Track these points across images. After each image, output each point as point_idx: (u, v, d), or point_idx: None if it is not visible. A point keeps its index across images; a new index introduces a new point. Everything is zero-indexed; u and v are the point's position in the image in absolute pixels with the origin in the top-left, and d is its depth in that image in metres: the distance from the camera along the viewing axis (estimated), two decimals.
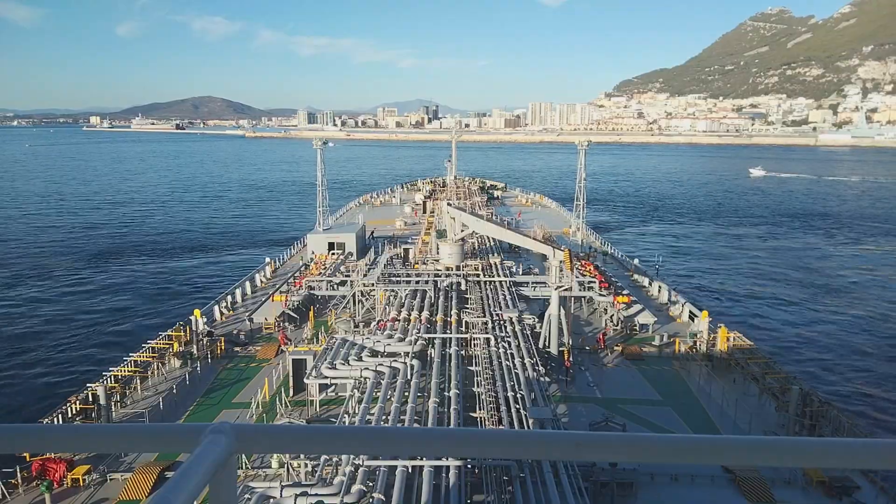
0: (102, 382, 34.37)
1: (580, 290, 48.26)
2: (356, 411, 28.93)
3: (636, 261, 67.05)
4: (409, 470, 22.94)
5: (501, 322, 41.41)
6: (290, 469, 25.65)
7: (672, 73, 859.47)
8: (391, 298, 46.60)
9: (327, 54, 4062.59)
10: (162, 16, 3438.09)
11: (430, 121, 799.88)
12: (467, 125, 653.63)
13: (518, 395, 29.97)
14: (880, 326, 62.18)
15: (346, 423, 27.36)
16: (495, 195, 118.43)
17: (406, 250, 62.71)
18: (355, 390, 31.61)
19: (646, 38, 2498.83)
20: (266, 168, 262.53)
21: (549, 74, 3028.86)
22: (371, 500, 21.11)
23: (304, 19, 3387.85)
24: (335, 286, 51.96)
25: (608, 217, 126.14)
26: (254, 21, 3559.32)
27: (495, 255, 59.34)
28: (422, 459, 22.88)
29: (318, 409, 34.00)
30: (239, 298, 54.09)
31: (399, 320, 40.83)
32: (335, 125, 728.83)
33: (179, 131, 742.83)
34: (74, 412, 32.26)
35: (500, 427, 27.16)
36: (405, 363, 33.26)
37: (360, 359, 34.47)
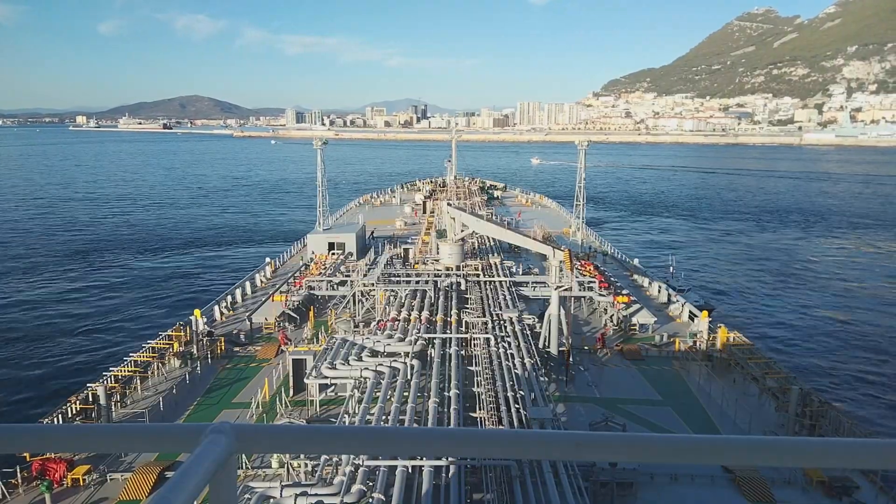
0: (102, 382, 34.38)
1: (580, 290, 48.27)
2: (356, 411, 28.92)
3: (636, 261, 67.07)
4: (409, 470, 22.93)
5: (501, 322, 41.39)
6: (290, 469, 25.66)
7: (659, 73, 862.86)
8: (391, 298, 46.58)
9: (314, 53, 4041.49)
10: (144, 14, 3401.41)
11: (418, 120, 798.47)
12: (456, 124, 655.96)
13: (518, 395, 29.96)
14: (880, 325, 62.17)
15: (346, 423, 27.36)
16: (495, 195, 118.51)
17: (406, 250, 62.69)
18: (355, 390, 31.60)
19: (633, 37, 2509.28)
20: (257, 167, 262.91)
21: (537, 74, 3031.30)
22: (371, 500, 21.10)
23: (289, 18, 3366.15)
24: (335, 286, 51.96)
25: (595, 214, 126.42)
26: (237, 19, 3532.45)
27: (495, 255, 59.33)
28: (422, 459, 22.87)
29: (318, 409, 34.00)
30: (239, 298, 54.10)
31: (399, 320, 40.81)
32: (324, 124, 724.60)
33: (167, 131, 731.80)
34: (74, 412, 32.26)
35: (500, 427, 27.15)
36: (405, 363, 33.25)
37: (360, 359, 34.46)
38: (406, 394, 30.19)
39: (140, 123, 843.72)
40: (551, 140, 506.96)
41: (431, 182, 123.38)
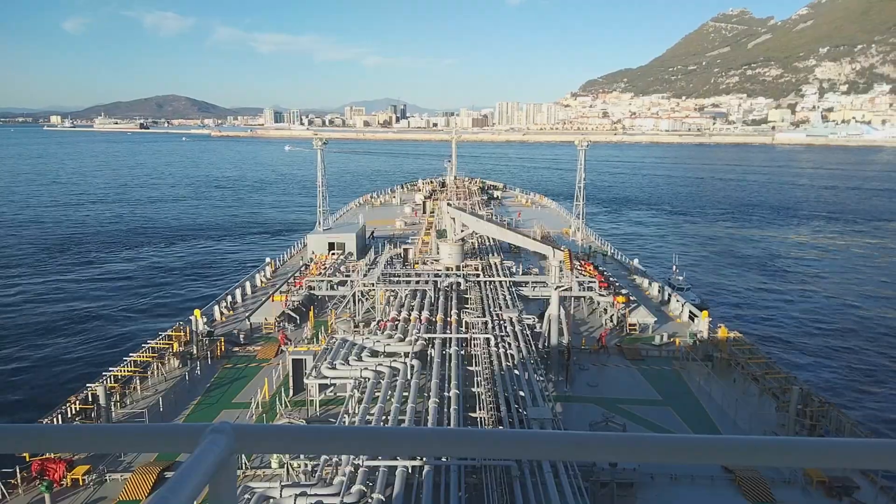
0: (102, 382, 34.36)
1: (580, 290, 48.27)
2: (356, 411, 28.90)
3: (636, 261, 67.08)
4: (409, 470, 22.93)
5: (501, 322, 41.38)
6: (290, 469, 25.64)
7: (636, 73, 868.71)
8: (391, 298, 46.57)
9: (288, 52, 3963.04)
10: (110, 11, 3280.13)
11: (398, 120, 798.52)
12: (435, 124, 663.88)
13: (518, 395, 29.96)
14: (881, 324, 62.17)
15: (346, 423, 27.35)
16: (495, 195, 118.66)
17: (406, 250, 62.67)
18: (355, 390, 31.58)
19: (610, 38, 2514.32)
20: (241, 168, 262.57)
21: (516, 74, 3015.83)
22: (371, 500, 21.10)
23: (259, 15, 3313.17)
24: (335, 286, 51.95)
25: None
26: (207, 17, 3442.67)
27: (495, 255, 59.33)
28: (422, 459, 22.86)
29: (318, 409, 34.00)
30: (239, 298, 54.09)
31: (399, 320, 40.78)
32: (302, 124, 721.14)
33: (144, 131, 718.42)
34: (74, 412, 32.25)
35: (500, 427, 27.15)
36: (405, 363, 33.22)
37: (359, 359, 34.44)
38: (406, 394, 30.15)
39: (116, 123, 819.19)
40: (529, 140, 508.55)
41: (431, 182, 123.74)
